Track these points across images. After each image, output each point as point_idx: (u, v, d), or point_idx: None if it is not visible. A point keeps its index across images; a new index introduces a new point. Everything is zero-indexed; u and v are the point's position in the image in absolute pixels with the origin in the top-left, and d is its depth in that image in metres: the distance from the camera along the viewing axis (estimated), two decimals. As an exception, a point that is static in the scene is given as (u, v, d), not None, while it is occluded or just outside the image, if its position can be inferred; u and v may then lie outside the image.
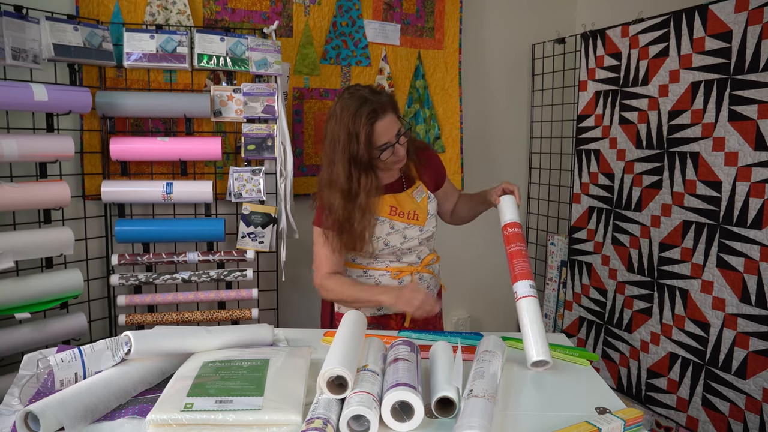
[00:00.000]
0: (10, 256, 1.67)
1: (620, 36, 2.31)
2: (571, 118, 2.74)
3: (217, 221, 2.08)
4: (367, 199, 1.53)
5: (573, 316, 2.63)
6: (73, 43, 1.84)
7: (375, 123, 1.48)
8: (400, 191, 1.66)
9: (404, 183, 1.69)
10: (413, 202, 1.66)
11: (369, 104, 1.48)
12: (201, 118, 2.15)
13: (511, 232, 1.47)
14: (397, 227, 1.63)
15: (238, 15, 2.23)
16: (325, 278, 1.60)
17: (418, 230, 1.66)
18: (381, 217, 1.61)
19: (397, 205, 1.64)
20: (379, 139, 1.50)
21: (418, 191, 1.69)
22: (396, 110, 1.55)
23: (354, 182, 1.52)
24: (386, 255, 1.65)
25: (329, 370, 0.97)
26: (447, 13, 2.62)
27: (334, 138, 1.51)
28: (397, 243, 1.63)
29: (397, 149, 1.53)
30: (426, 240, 1.70)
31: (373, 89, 1.54)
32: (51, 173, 1.89)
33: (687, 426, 2.09)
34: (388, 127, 1.50)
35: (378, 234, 1.61)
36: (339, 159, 1.51)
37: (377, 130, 1.48)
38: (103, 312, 2.12)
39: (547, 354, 1.22)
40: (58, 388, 1.04)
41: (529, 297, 1.31)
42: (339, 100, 1.53)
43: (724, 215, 1.94)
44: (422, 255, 1.70)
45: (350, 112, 1.48)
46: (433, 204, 1.71)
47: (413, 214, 1.65)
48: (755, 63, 1.82)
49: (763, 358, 1.83)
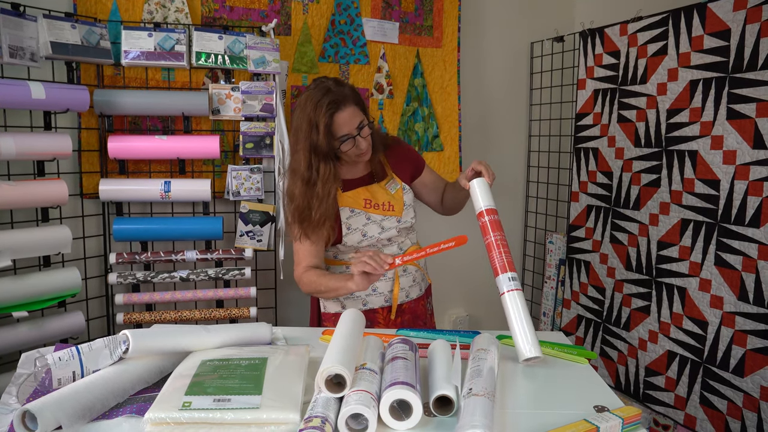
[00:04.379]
0: (8, 254, 1.66)
1: (619, 34, 2.31)
2: (570, 116, 2.74)
3: (216, 220, 2.08)
4: (324, 187, 1.55)
5: (571, 314, 2.64)
6: (70, 41, 1.84)
7: (335, 114, 1.51)
8: (371, 184, 1.69)
9: (375, 177, 1.71)
10: (387, 194, 1.69)
11: (330, 95, 1.51)
12: (199, 117, 2.14)
13: (484, 221, 1.39)
14: (374, 218, 1.66)
15: (237, 13, 2.23)
16: (302, 272, 1.63)
17: (395, 221, 1.68)
18: (356, 210, 1.65)
19: (371, 197, 1.67)
20: (339, 130, 1.53)
21: (391, 183, 1.71)
22: (359, 103, 1.57)
23: (313, 171, 1.55)
24: (367, 249, 1.67)
25: (327, 369, 0.97)
26: (446, 11, 2.62)
27: (297, 127, 1.56)
28: (375, 233, 1.65)
29: (358, 141, 1.55)
30: (405, 231, 1.72)
31: (338, 81, 1.58)
32: (49, 172, 1.89)
33: (685, 424, 2.09)
34: (348, 118, 1.53)
35: (355, 226, 1.64)
36: (301, 147, 1.55)
37: (337, 121, 1.52)
38: (101, 311, 2.12)
39: (537, 349, 1.22)
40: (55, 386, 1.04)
41: (511, 292, 1.29)
42: (305, 90, 1.58)
43: (723, 213, 1.94)
44: (404, 247, 1.72)
45: (313, 103, 1.52)
46: (409, 195, 1.73)
47: (388, 205, 1.67)
48: (754, 61, 1.82)
49: (761, 356, 1.84)
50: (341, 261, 1.70)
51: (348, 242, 1.65)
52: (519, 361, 1.23)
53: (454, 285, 2.84)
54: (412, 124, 2.61)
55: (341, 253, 1.70)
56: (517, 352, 1.24)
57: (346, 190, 1.67)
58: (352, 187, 1.68)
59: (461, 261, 2.78)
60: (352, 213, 1.65)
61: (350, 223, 1.64)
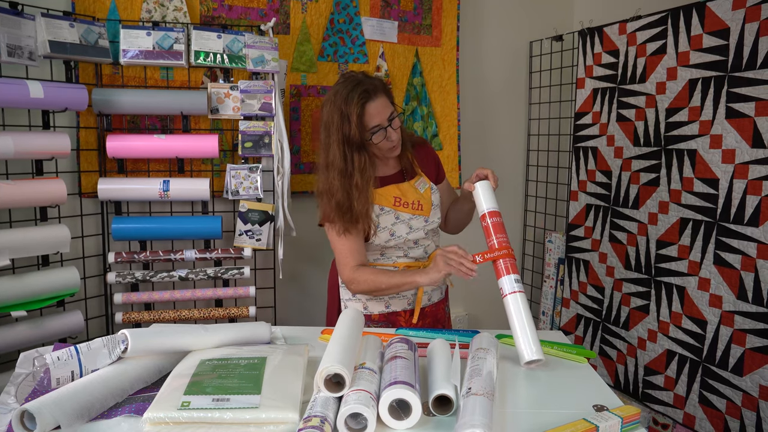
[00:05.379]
0: (7, 253, 1.66)
1: (618, 33, 2.31)
2: (569, 115, 2.74)
3: (215, 219, 2.07)
4: (362, 177, 1.54)
5: (570, 313, 2.64)
6: (69, 39, 1.83)
7: (366, 104, 1.50)
8: (401, 182, 1.68)
9: (405, 175, 1.70)
10: (416, 193, 1.67)
11: (361, 86, 1.51)
12: (198, 116, 2.14)
13: (489, 222, 1.40)
14: (402, 218, 1.64)
15: (235, 12, 2.23)
16: (354, 271, 1.58)
17: (423, 221, 1.66)
18: (386, 208, 1.63)
19: (401, 196, 1.65)
20: (370, 121, 1.51)
21: (420, 182, 1.70)
22: (388, 95, 1.57)
23: (349, 162, 1.53)
24: (393, 250, 1.66)
25: (327, 368, 0.97)
26: (444, 10, 2.61)
27: (329, 121, 1.54)
28: (403, 233, 1.63)
29: (389, 133, 1.54)
30: (432, 232, 1.71)
31: (366, 74, 1.58)
32: (47, 171, 1.89)
33: (684, 423, 2.10)
34: (380, 109, 1.52)
35: (384, 224, 1.62)
36: (333, 140, 1.53)
37: (368, 111, 1.50)
38: (100, 310, 2.12)
39: (540, 352, 1.22)
40: (54, 386, 1.04)
41: (515, 293, 1.29)
42: (334, 85, 1.58)
43: (721, 212, 1.94)
44: (429, 250, 1.71)
45: (343, 95, 1.51)
46: (436, 195, 1.72)
47: (417, 204, 1.66)
48: (753, 60, 1.82)
49: (760, 355, 1.84)
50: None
51: (375, 241, 1.62)
52: (521, 364, 1.23)
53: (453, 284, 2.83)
54: (412, 123, 2.61)
55: (367, 254, 1.66)
56: (518, 355, 1.24)
57: (377, 187, 1.63)
58: (383, 184, 1.65)
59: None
60: (381, 211, 1.62)
61: (379, 221, 1.61)
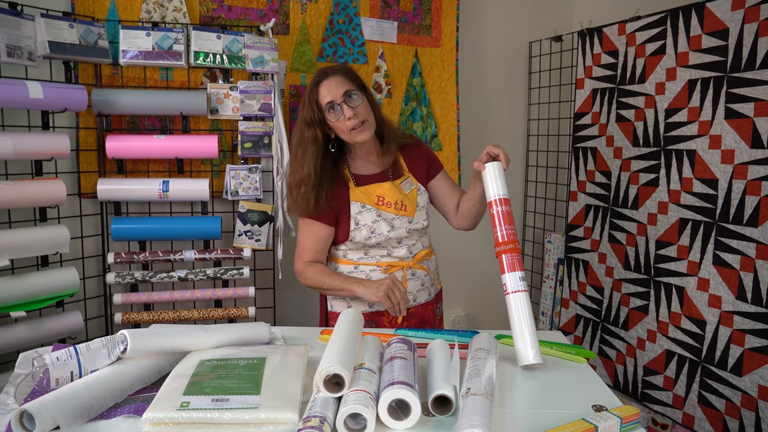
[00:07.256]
0: (6, 254, 1.66)
1: (617, 34, 2.31)
2: (568, 115, 2.74)
3: (214, 219, 2.07)
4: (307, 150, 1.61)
5: (570, 313, 2.64)
6: (68, 40, 1.83)
7: (320, 82, 1.58)
8: (385, 181, 1.69)
9: (391, 175, 1.71)
10: (401, 193, 1.68)
11: (321, 71, 1.62)
12: (197, 116, 2.14)
13: (497, 211, 1.31)
14: (384, 216, 1.65)
15: (235, 12, 2.23)
16: (305, 265, 1.66)
17: (406, 221, 1.67)
18: (368, 206, 1.65)
19: (384, 195, 1.67)
20: (323, 98, 1.57)
21: (407, 183, 1.71)
22: (349, 76, 1.61)
23: (305, 138, 1.62)
24: (376, 249, 1.67)
25: (326, 369, 0.97)
26: (444, 10, 2.61)
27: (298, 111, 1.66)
28: (384, 231, 1.64)
29: (344, 110, 1.56)
30: (417, 233, 1.71)
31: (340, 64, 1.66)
32: (47, 171, 1.89)
33: (683, 423, 2.10)
34: (332, 87, 1.57)
35: (364, 222, 1.64)
36: (298, 124, 1.64)
37: (321, 89, 1.58)
38: (99, 310, 2.12)
39: (538, 356, 1.21)
40: (53, 386, 1.04)
41: (518, 292, 1.26)
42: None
43: (721, 213, 1.95)
44: (414, 250, 1.71)
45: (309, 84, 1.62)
46: (423, 197, 1.72)
47: (401, 204, 1.67)
48: (752, 61, 1.82)
49: (759, 356, 1.84)
50: (349, 261, 1.68)
51: (356, 238, 1.64)
52: (518, 365, 1.23)
53: (452, 284, 2.83)
54: (411, 123, 2.61)
55: (351, 253, 1.68)
56: (516, 356, 1.23)
57: (360, 185, 1.67)
58: (365, 182, 1.68)
59: (460, 260, 2.78)
60: (362, 208, 1.64)
61: (359, 218, 1.64)
